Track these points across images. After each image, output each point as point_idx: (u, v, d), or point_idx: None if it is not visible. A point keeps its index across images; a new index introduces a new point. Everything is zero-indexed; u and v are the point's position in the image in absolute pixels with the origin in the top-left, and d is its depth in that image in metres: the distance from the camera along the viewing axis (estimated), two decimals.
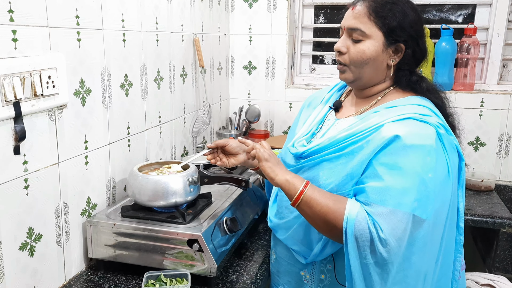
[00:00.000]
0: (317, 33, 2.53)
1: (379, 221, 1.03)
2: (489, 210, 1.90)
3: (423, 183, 1.04)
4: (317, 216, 1.09)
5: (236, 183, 1.38)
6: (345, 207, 1.06)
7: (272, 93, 2.48)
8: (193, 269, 1.23)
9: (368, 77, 1.21)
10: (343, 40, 1.21)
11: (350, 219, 1.04)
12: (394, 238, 1.02)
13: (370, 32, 1.16)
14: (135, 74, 1.54)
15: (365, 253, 1.03)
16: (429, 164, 1.06)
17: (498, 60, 2.23)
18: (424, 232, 1.06)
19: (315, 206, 1.09)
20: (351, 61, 1.20)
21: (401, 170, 1.05)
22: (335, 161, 1.15)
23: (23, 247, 1.11)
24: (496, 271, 1.86)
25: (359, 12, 1.17)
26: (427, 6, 2.35)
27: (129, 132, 1.53)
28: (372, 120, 1.15)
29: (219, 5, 2.27)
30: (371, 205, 1.05)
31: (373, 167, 1.08)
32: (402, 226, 1.03)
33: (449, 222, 1.14)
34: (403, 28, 1.15)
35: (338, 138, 1.16)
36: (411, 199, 1.03)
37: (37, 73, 1.08)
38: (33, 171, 1.12)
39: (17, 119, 1.04)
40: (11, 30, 1.02)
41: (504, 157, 2.19)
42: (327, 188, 1.14)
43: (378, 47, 1.16)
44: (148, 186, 1.31)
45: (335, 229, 1.07)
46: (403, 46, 1.17)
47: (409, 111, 1.13)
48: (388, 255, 1.02)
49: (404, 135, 1.07)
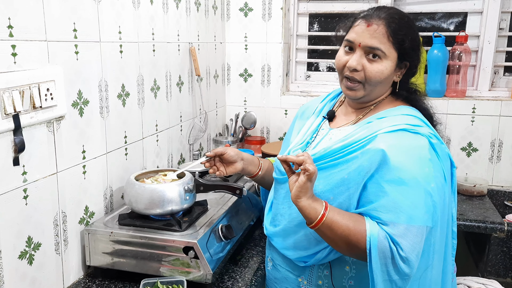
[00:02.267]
0: (312, 40, 2.57)
1: (399, 240, 1.06)
2: (481, 215, 1.93)
3: (428, 194, 1.08)
4: (338, 238, 1.10)
5: (230, 191, 1.41)
6: (365, 228, 1.08)
7: (267, 100, 2.52)
8: (189, 276, 1.26)
9: (376, 94, 1.25)
10: (358, 58, 1.19)
11: (373, 239, 1.06)
12: (414, 254, 1.06)
13: (388, 52, 1.18)
14: (132, 84, 1.57)
15: (389, 270, 1.07)
16: (428, 174, 1.09)
17: (489, 67, 2.27)
18: (434, 240, 1.11)
19: (336, 229, 1.09)
20: (367, 79, 1.19)
21: (406, 185, 1.08)
22: (331, 170, 1.18)
23: (22, 255, 1.13)
24: (488, 275, 1.89)
25: (379, 32, 1.16)
26: (420, 14, 2.38)
27: (126, 141, 1.56)
28: (365, 131, 1.18)
29: (215, 14, 2.31)
30: (388, 225, 1.07)
31: (378, 185, 1.10)
32: (419, 240, 1.07)
33: (447, 227, 1.19)
34: (414, 49, 1.21)
35: (334, 149, 1.19)
36: (422, 212, 1.07)
37: (36, 86, 1.11)
38: (32, 181, 1.14)
39: (16, 131, 1.07)
40: (11, 45, 1.05)
41: (496, 162, 2.23)
42: (322, 196, 1.17)
43: (392, 66, 1.20)
44: (145, 194, 1.33)
45: (356, 249, 1.09)
46: (408, 63, 1.22)
47: (401, 121, 1.16)
48: (410, 271, 1.06)
49: (399, 148, 1.10)
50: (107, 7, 1.40)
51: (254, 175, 1.45)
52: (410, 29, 1.19)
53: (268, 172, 1.48)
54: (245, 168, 1.41)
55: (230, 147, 1.40)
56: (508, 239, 1.84)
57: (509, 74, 2.31)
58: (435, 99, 2.21)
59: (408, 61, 1.21)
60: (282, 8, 2.39)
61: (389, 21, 1.17)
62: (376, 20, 1.17)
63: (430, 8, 2.34)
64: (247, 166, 1.42)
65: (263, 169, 1.46)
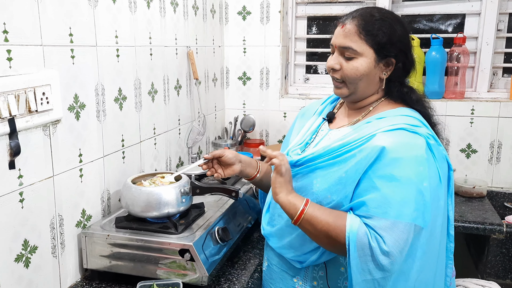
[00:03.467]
0: (310, 43, 2.57)
1: (382, 234, 1.06)
2: (481, 216, 1.92)
3: (420, 192, 1.08)
4: (319, 233, 1.13)
5: (226, 193, 1.42)
6: (346, 223, 1.09)
7: (266, 103, 2.52)
8: (185, 278, 1.26)
9: (362, 91, 1.25)
10: (335, 58, 1.24)
11: (352, 235, 1.07)
12: (397, 249, 1.06)
13: (361, 50, 1.19)
14: (129, 88, 1.58)
15: (369, 267, 1.07)
16: (422, 173, 1.09)
17: (488, 68, 2.27)
18: (423, 241, 1.09)
19: (316, 224, 1.13)
20: (345, 78, 1.23)
21: (398, 182, 1.08)
22: (329, 169, 1.19)
23: (19, 258, 1.14)
24: (488, 277, 1.88)
25: (350, 30, 1.20)
26: (417, 16, 2.39)
27: (123, 145, 1.57)
28: (364, 130, 1.19)
29: (213, 18, 2.32)
30: (372, 218, 1.08)
31: (370, 180, 1.11)
32: (405, 237, 1.06)
33: (442, 230, 1.18)
34: (393, 43, 1.20)
35: (333, 147, 1.20)
36: (411, 209, 1.07)
37: (31, 90, 1.12)
38: (28, 184, 1.15)
39: (12, 135, 1.08)
40: (6, 49, 1.06)
41: (496, 163, 2.22)
42: (320, 194, 1.18)
43: (370, 63, 1.20)
44: (141, 197, 1.34)
45: (338, 245, 1.11)
46: (394, 60, 1.21)
47: (400, 121, 1.16)
48: (392, 267, 1.06)
49: (396, 146, 1.11)
50: (103, 11, 1.41)
51: (252, 177, 1.46)
52: (383, 24, 1.19)
53: (266, 174, 1.48)
54: (243, 170, 1.42)
55: (228, 149, 1.41)
56: (508, 241, 1.83)
57: (508, 75, 2.30)
58: (433, 100, 2.17)
59: (391, 57, 1.21)
60: (280, 11, 2.40)
61: (359, 19, 1.20)
62: (349, 20, 1.22)
63: (428, 10, 2.34)
64: (245, 168, 1.43)
65: (261, 172, 1.47)
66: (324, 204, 1.18)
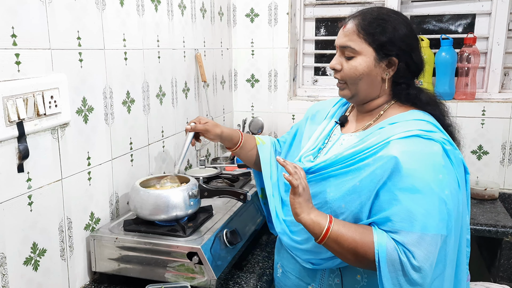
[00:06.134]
0: (319, 45, 2.56)
1: (411, 249, 1.04)
2: (493, 219, 1.89)
3: (442, 201, 1.06)
4: (346, 251, 1.09)
5: (234, 196, 1.41)
6: (373, 239, 1.06)
7: (275, 105, 2.52)
8: (194, 281, 1.26)
9: (364, 92, 1.23)
10: (337, 58, 1.25)
11: (381, 251, 1.05)
12: (428, 264, 1.04)
13: (360, 48, 1.19)
14: (137, 90, 1.58)
15: (400, 282, 1.05)
16: (442, 181, 1.07)
17: (499, 68, 2.24)
18: (448, 248, 1.09)
19: (342, 242, 1.09)
20: (346, 78, 1.23)
21: (420, 193, 1.05)
22: (343, 177, 1.16)
23: (28, 262, 1.14)
24: (501, 281, 1.85)
25: (349, 30, 1.21)
26: (427, 17, 2.37)
27: (131, 148, 1.57)
28: (378, 137, 1.16)
29: (221, 20, 2.32)
30: (399, 232, 1.05)
31: (391, 193, 1.08)
32: (433, 249, 1.05)
33: (460, 235, 1.16)
34: (393, 42, 1.18)
35: (345, 155, 1.18)
36: (436, 220, 1.05)
37: (39, 93, 1.12)
38: (36, 187, 1.16)
39: (20, 138, 1.08)
40: (14, 53, 1.07)
41: (508, 165, 2.19)
42: (334, 204, 1.16)
43: (370, 62, 1.19)
44: (149, 200, 1.34)
45: (365, 261, 1.08)
46: (396, 59, 1.19)
47: (414, 127, 1.14)
48: (423, 281, 1.04)
49: (413, 155, 1.08)
50: (112, 14, 1.42)
51: (230, 149, 1.54)
52: (384, 23, 1.18)
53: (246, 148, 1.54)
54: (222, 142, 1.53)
55: (209, 123, 1.48)
56: None
57: None
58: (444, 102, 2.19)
59: (392, 56, 1.19)
60: (288, 13, 2.39)
61: (359, 18, 1.21)
62: (350, 20, 1.23)
63: (437, 10, 2.32)
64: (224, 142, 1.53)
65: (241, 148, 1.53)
66: (338, 213, 1.15)
